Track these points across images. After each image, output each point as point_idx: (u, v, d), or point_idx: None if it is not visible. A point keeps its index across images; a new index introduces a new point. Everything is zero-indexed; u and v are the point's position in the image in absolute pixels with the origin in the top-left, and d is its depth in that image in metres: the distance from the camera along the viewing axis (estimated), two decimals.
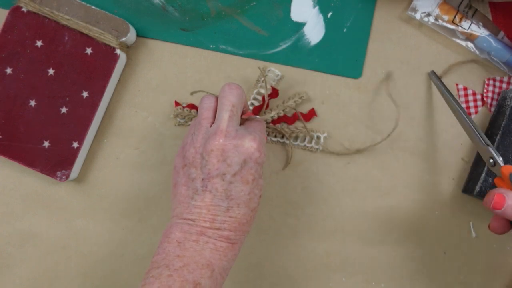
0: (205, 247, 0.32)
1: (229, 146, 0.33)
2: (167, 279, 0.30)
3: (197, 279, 0.31)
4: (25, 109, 0.43)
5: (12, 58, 0.43)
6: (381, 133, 0.46)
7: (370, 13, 0.46)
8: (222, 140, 0.33)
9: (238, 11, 0.46)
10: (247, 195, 0.33)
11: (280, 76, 0.45)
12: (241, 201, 0.33)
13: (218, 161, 0.33)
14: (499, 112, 0.45)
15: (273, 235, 0.45)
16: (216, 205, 0.33)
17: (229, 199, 0.33)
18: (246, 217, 0.34)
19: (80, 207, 0.45)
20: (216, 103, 0.37)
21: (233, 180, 0.33)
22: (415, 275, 0.45)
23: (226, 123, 0.34)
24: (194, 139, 0.35)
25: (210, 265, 0.32)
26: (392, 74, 0.46)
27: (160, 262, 0.32)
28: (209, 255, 0.32)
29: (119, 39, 0.43)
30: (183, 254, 0.32)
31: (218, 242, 0.33)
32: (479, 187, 0.43)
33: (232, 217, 0.33)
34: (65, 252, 0.45)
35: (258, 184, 0.34)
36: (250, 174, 0.33)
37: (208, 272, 0.31)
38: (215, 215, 0.33)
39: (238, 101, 0.36)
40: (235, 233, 0.33)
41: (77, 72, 0.43)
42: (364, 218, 0.46)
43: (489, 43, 0.45)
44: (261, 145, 0.34)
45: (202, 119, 0.36)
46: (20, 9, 0.42)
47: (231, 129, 0.34)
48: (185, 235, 0.32)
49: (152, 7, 0.45)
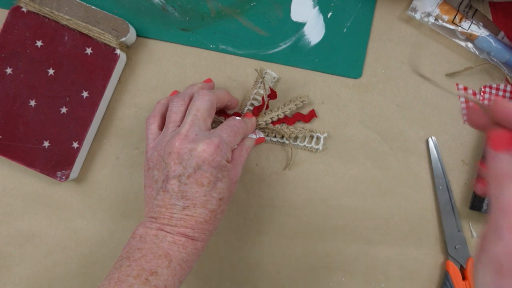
0: (164, 240, 0.34)
1: (184, 150, 0.35)
2: (126, 269, 0.32)
3: (154, 268, 0.33)
4: (25, 109, 0.43)
5: (12, 58, 0.43)
6: (381, 133, 0.46)
7: (370, 13, 0.46)
8: (178, 144, 0.35)
9: (238, 11, 0.46)
10: (203, 197, 0.35)
11: (276, 78, 0.45)
12: (197, 202, 0.35)
13: (174, 164, 0.35)
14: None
15: (273, 235, 0.45)
16: (173, 204, 0.35)
17: (185, 199, 0.34)
18: (204, 216, 0.35)
19: (80, 207, 0.45)
20: (185, 107, 0.38)
21: (187, 182, 0.34)
22: (415, 275, 0.45)
23: (187, 127, 0.36)
24: (159, 142, 0.37)
25: (167, 255, 0.33)
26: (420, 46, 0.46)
27: (123, 255, 0.34)
28: (167, 247, 0.34)
29: (119, 39, 0.43)
30: (143, 246, 0.34)
31: (176, 236, 0.34)
32: (486, 204, 0.43)
33: (188, 215, 0.35)
34: (65, 252, 0.45)
35: (217, 187, 0.35)
36: (205, 177, 0.34)
37: (165, 262, 0.33)
38: (172, 213, 0.35)
39: (205, 106, 0.37)
40: (193, 231, 0.35)
41: (77, 72, 0.43)
42: (364, 218, 0.46)
43: (489, 43, 0.45)
44: (218, 149, 0.35)
45: (169, 122, 0.38)
46: (20, 9, 0.42)
47: (190, 133, 0.35)
48: (147, 230, 0.35)
49: (152, 7, 0.45)
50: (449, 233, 0.45)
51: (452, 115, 0.46)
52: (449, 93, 0.45)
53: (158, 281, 0.32)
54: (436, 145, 0.46)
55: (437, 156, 0.45)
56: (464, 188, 0.46)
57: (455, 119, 0.46)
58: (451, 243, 0.45)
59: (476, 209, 0.44)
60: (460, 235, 0.45)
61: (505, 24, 0.44)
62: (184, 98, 0.39)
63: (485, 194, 0.29)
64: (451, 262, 0.44)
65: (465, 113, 0.35)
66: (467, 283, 0.44)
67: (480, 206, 0.43)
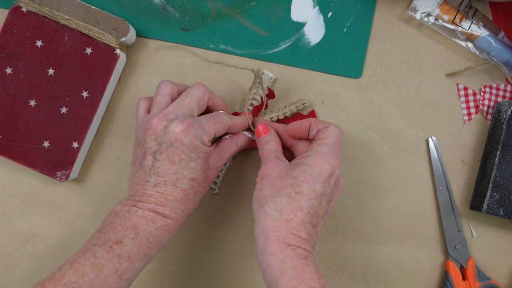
0: (134, 214, 0.35)
1: (160, 127, 0.35)
2: (95, 240, 0.34)
3: (120, 238, 0.33)
4: (25, 109, 0.43)
5: (12, 58, 0.43)
6: (381, 133, 0.46)
7: (370, 13, 0.46)
8: (155, 120, 0.36)
9: (238, 11, 0.46)
10: (173, 174, 0.35)
11: (273, 79, 0.45)
12: (168, 179, 0.35)
13: (151, 140, 0.36)
14: (496, 125, 0.44)
15: None
16: (146, 180, 0.35)
17: (157, 175, 0.35)
18: (175, 194, 0.35)
19: (80, 207, 0.45)
20: (172, 91, 0.39)
21: (160, 158, 0.35)
22: (415, 275, 0.45)
23: (169, 109, 0.37)
24: (143, 121, 0.38)
25: (134, 227, 0.34)
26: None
27: (97, 230, 0.35)
28: (136, 220, 0.35)
29: (119, 39, 0.43)
30: (114, 221, 0.35)
31: (146, 212, 0.35)
32: (486, 204, 0.43)
33: (159, 192, 0.35)
34: (65, 252, 0.45)
35: (189, 167, 0.36)
36: (176, 154, 0.35)
37: (132, 233, 0.34)
38: (145, 189, 0.35)
39: (196, 94, 0.38)
40: (163, 208, 0.35)
41: (77, 72, 0.43)
42: (364, 218, 0.46)
43: (489, 43, 0.45)
44: (192, 128, 0.35)
45: (155, 103, 0.38)
46: (20, 9, 0.42)
47: (171, 114, 0.36)
48: (122, 207, 0.36)
49: (152, 7, 0.45)
50: (449, 233, 0.45)
51: (452, 115, 0.46)
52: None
53: (122, 250, 0.33)
54: (436, 145, 0.46)
55: (437, 156, 0.45)
56: (464, 188, 0.46)
57: (455, 119, 0.46)
58: (451, 243, 0.45)
59: (476, 209, 0.44)
60: (460, 235, 0.45)
61: (505, 24, 0.44)
62: (175, 85, 0.39)
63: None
64: (451, 262, 0.44)
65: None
66: (467, 283, 0.44)
67: (480, 206, 0.43)
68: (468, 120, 0.46)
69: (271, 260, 0.32)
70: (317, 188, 0.34)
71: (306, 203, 0.34)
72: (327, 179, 0.35)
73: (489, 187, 0.43)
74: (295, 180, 0.34)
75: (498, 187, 0.43)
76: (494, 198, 0.43)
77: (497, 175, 0.43)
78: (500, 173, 0.43)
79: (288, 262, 0.32)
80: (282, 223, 0.33)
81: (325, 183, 0.35)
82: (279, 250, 0.32)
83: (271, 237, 0.33)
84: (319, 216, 0.35)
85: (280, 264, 0.32)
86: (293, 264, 0.32)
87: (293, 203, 0.33)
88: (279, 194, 0.34)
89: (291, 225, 0.33)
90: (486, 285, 0.44)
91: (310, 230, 0.34)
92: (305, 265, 0.32)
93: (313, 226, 0.34)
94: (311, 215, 0.34)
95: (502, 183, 0.43)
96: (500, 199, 0.43)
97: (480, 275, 0.44)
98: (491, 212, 0.43)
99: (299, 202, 0.33)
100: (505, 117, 0.43)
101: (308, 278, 0.31)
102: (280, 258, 0.32)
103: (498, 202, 0.43)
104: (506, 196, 0.43)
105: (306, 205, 0.34)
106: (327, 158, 0.35)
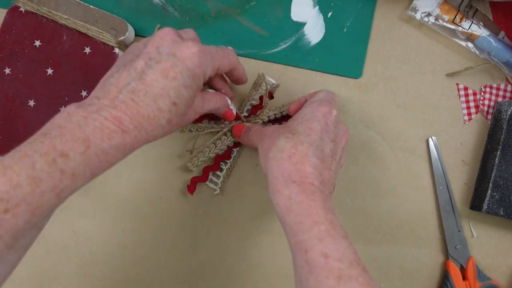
0: (91, 123, 0.29)
1: (168, 38, 0.33)
2: (38, 144, 0.28)
3: (66, 151, 0.28)
4: (24, 109, 0.43)
5: (10, 58, 0.42)
6: (381, 133, 0.46)
7: (370, 13, 0.46)
8: (167, 30, 0.33)
9: (238, 11, 0.45)
10: (159, 89, 0.31)
11: (275, 85, 0.45)
12: (150, 91, 0.31)
13: (152, 46, 0.32)
14: (496, 125, 0.44)
15: (274, 235, 0.45)
16: (126, 83, 0.31)
17: (141, 81, 0.31)
18: (149, 111, 0.31)
19: (80, 207, 0.45)
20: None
21: (154, 67, 0.31)
22: (415, 275, 0.45)
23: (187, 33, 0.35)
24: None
25: (86, 140, 0.29)
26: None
27: (42, 130, 0.30)
28: (90, 131, 0.29)
29: (117, 38, 0.43)
30: (65, 125, 0.29)
31: (107, 122, 0.30)
32: (486, 204, 0.43)
33: (134, 100, 0.31)
34: (65, 252, 0.45)
35: (177, 90, 0.32)
36: (173, 71, 0.31)
37: (81, 147, 0.29)
38: (119, 93, 0.31)
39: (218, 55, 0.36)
40: (131, 120, 0.30)
41: (76, 71, 0.43)
42: (364, 218, 0.46)
43: (489, 43, 0.45)
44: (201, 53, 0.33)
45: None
46: (18, 9, 0.42)
47: (185, 35, 0.35)
48: (78, 110, 0.30)
49: (152, 7, 0.45)
50: (449, 233, 0.45)
51: (452, 115, 0.46)
52: None
53: (66, 166, 0.28)
54: (436, 145, 0.46)
55: (437, 156, 0.45)
56: (464, 188, 0.46)
57: (455, 119, 0.46)
58: (451, 243, 0.45)
59: (476, 209, 0.44)
60: (460, 235, 0.45)
61: (506, 23, 0.44)
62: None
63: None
64: (451, 262, 0.44)
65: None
66: (468, 283, 0.44)
67: (480, 206, 0.43)
68: (468, 120, 0.46)
69: (278, 198, 0.32)
70: (313, 125, 0.35)
71: (305, 138, 0.34)
72: (322, 118, 0.35)
73: (489, 187, 0.43)
74: (289, 127, 0.36)
75: (498, 187, 0.43)
76: (494, 198, 0.43)
77: (497, 175, 0.43)
78: (500, 173, 0.43)
79: (293, 198, 0.32)
80: (285, 160, 0.33)
81: (321, 121, 0.35)
82: (285, 186, 0.32)
83: (276, 176, 0.33)
84: (325, 152, 0.34)
85: (286, 201, 0.32)
86: (299, 200, 0.31)
87: (291, 140, 0.34)
88: (278, 139, 0.35)
89: (294, 159, 0.33)
90: (486, 285, 0.44)
91: (316, 163, 0.33)
92: (311, 200, 0.31)
93: (320, 160, 0.34)
94: (313, 148, 0.34)
95: (502, 183, 0.43)
96: (500, 199, 0.43)
97: (480, 275, 0.44)
98: (491, 212, 0.43)
99: (297, 138, 0.34)
100: (505, 117, 0.43)
101: (314, 213, 0.31)
102: (286, 194, 0.32)
103: (498, 202, 0.43)
104: (506, 196, 0.43)
105: (306, 139, 0.34)
106: (317, 104, 0.36)
